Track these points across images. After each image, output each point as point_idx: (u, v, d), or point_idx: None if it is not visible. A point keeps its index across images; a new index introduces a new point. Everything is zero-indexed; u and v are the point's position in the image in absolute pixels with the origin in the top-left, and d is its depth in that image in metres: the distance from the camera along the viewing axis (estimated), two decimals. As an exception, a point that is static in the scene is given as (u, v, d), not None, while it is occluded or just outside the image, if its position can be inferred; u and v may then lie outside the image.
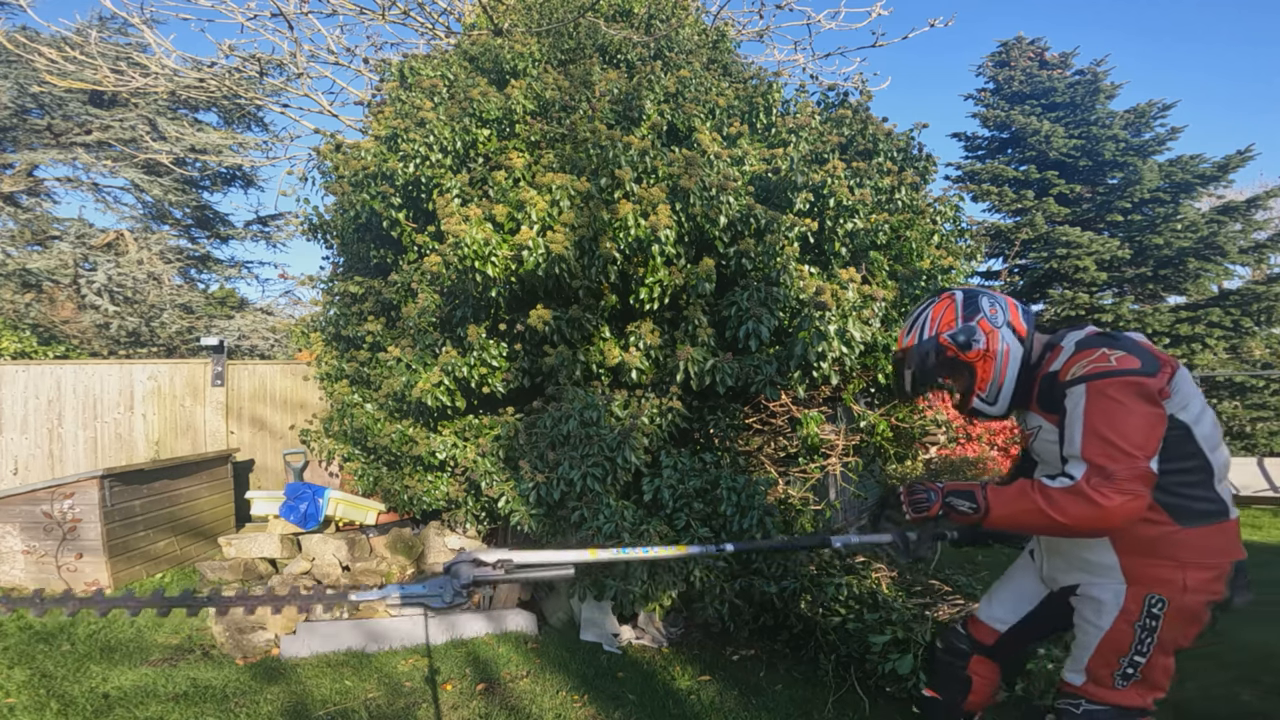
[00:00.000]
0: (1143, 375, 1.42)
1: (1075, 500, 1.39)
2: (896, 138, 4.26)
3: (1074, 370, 1.49)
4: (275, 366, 6.78)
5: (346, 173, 3.98)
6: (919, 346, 1.75)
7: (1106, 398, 1.41)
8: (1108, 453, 1.37)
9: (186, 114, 11.58)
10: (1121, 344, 1.49)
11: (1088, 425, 1.41)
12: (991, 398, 1.71)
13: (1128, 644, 1.53)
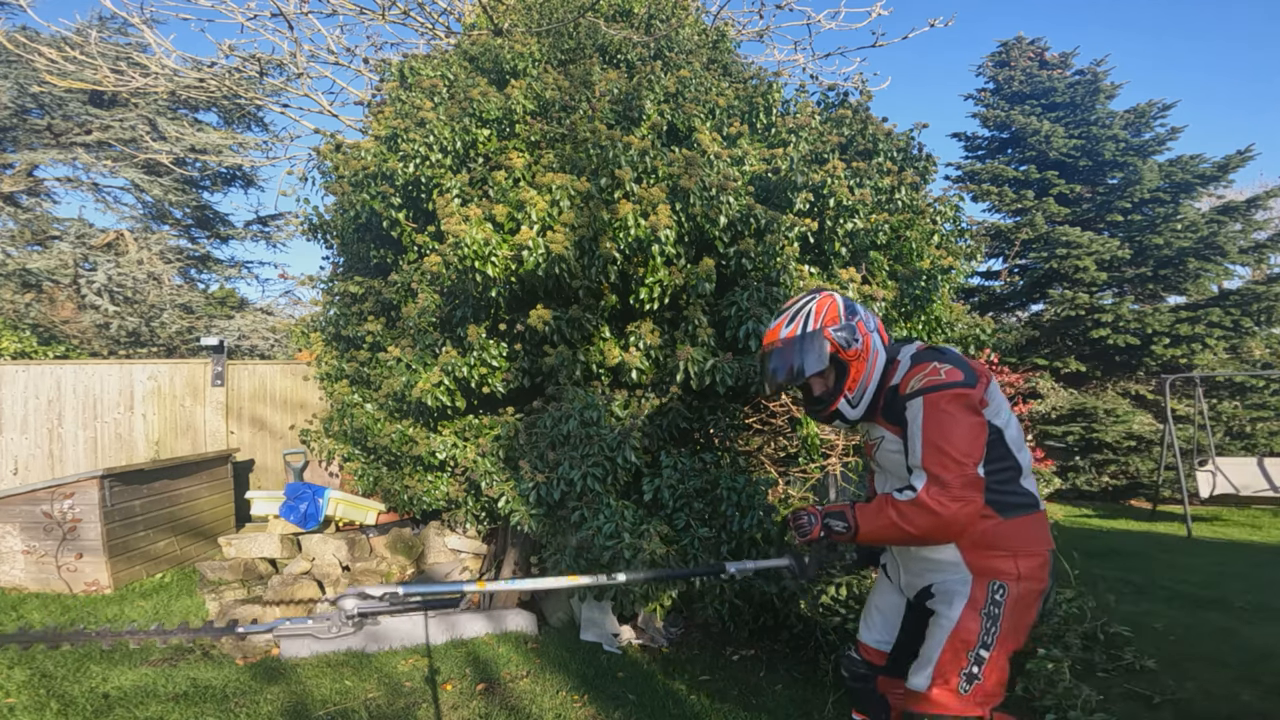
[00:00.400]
0: (966, 387, 1.56)
1: (919, 512, 1.53)
2: (896, 138, 4.26)
3: (912, 384, 1.60)
4: (275, 366, 6.78)
5: (346, 173, 3.98)
6: (802, 339, 1.74)
7: (939, 410, 1.54)
8: (942, 462, 1.51)
9: (186, 114, 11.58)
10: (948, 358, 1.62)
11: (925, 437, 1.55)
12: (856, 400, 1.74)
13: (975, 634, 1.59)
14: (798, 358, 1.73)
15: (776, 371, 1.78)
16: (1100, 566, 4.93)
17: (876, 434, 1.78)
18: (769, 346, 1.81)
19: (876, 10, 7.23)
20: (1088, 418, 8.94)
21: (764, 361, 1.84)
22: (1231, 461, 7.65)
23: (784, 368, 1.75)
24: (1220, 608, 4.07)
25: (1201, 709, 2.73)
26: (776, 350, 1.78)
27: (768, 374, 1.81)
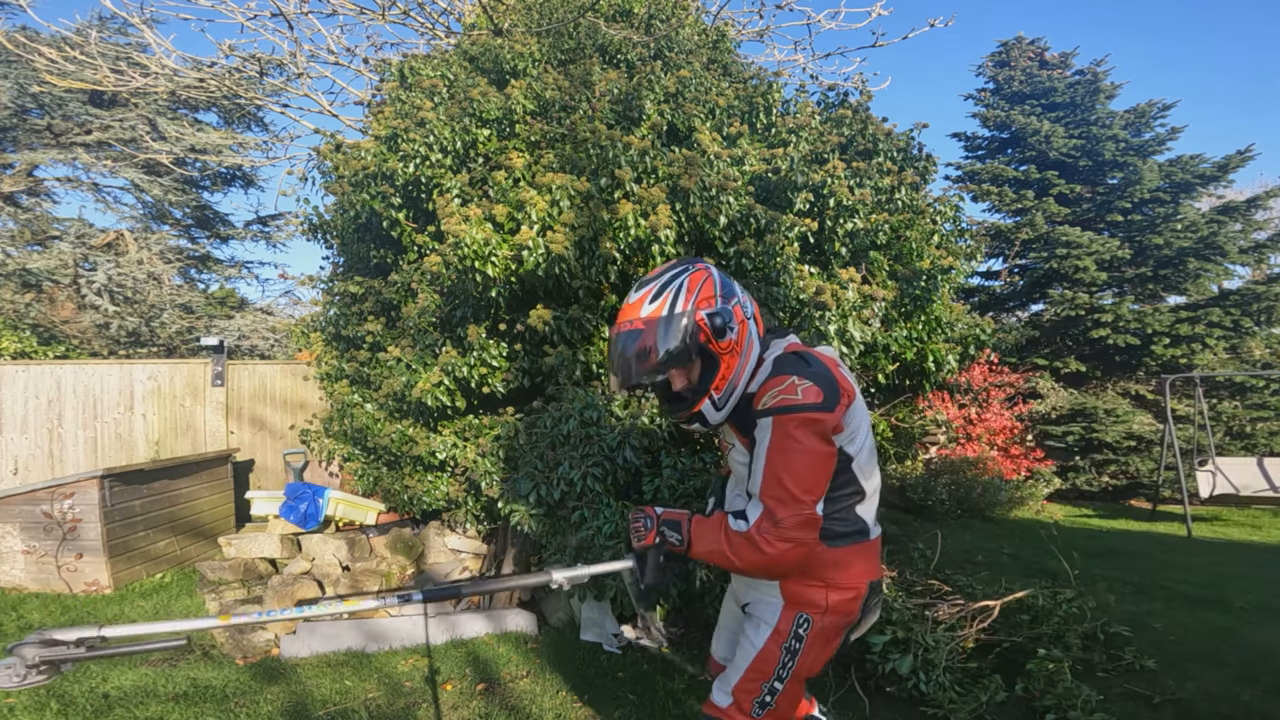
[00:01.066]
0: (822, 411, 1.36)
1: (746, 546, 1.39)
2: (896, 138, 4.26)
3: (765, 400, 1.39)
4: (275, 366, 6.78)
5: (346, 173, 3.98)
6: (668, 321, 1.41)
7: (788, 436, 1.35)
8: (779, 496, 1.35)
9: (186, 114, 11.58)
10: (812, 371, 1.39)
11: (769, 465, 1.37)
12: (723, 401, 1.46)
13: (773, 667, 1.49)
14: (660, 343, 1.40)
15: (631, 362, 1.44)
16: (1100, 566, 4.93)
17: (729, 438, 1.57)
18: (624, 327, 1.45)
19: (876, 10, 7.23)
20: (1088, 418, 8.95)
21: (613, 346, 1.47)
22: (1231, 461, 7.66)
23: (640, 357, 1.42)
24: (1220, 608, 4.07)
25: (1201, 709, 2.73)
26: (632, 333, 1.43)
27: (617, 362, 1.47)
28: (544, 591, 3.99)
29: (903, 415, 4.01)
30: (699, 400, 1.46)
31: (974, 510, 7.20)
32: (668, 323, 1.41)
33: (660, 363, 1.41)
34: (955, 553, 5.15)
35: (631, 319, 1.45)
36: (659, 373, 1.45)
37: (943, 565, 4.05)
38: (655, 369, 1.43)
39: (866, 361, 3.65)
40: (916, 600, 3.27)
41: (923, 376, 3.87)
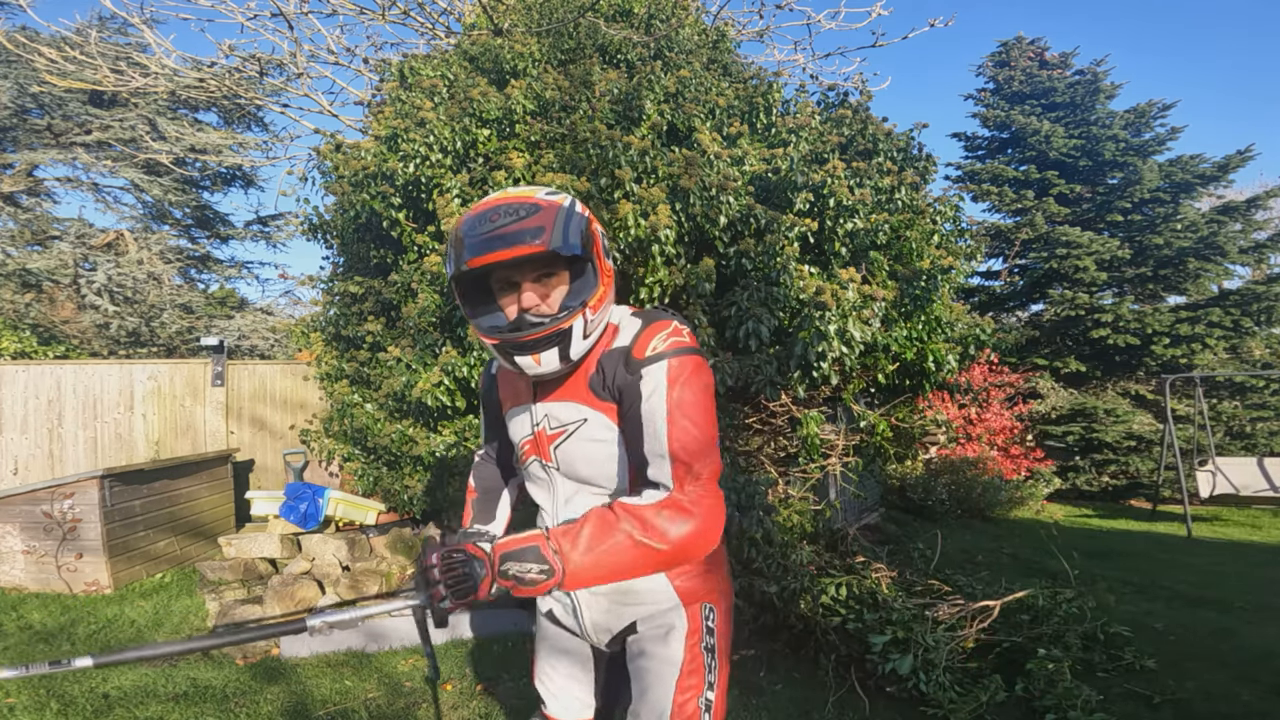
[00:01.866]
0: (702, 353, 1.21)
1: (677, 518, 1.09)
2: (896, 138, 4.26)
3: (656, 344, 1.14)
4: (275, 366, 6.78)
5: (346, 173, 3.98)
6: (571, 213, 1.16)
7: (689, 378, 1.13)
8: (691, 446, 1.11)
9: (186, 114, 11.59)
10: (678, 318, 1.22)
11: (671, 413, 1.11)
12: (591, 330, 1.18)
13: (701, 674, 1.28)
14: (558, 231, 1.12)
15: (509, 236, 1.10)
16: (1100, 566, 4.93)
17: (566, 417, 1.23)
18: (506, 200, 1.16)
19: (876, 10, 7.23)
20: (1088, 418, 8.95)
21: (476, 222, 1.14)
22: (1231, 461, 7.66)
23: (529, 235, 1.10)
24: (1220, 608, 4.07)
25: (1201, 709, 2.73)
26: (524, 206, 1.14)
27: (477, 239, 1.12)
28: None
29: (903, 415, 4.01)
30: (573, 313, 1.14)
31: (974, 510, 7.20)
32: (570, 215, 1.15)
33: (550, 249, 1.10)
34: (955, 553, 5.15)
35: (521, 198, 1.16)
36: (538, 265, 1.15)
37: (943, 565, 4.05)
38: (538, 255, 1.11)
39: (866, 361, 3.65)
40: (916, 600, 3.27)
41: (923, 376, 3.87)
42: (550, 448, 1.27)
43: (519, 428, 1.34)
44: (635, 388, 1.15)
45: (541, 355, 1.16)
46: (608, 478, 1.22)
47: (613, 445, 1.21)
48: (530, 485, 1.37)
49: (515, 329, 1.15)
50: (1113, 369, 9.62)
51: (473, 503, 1.54)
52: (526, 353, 1.16)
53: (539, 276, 1.17)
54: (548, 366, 1.17)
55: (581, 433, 1.22)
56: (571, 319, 1.15)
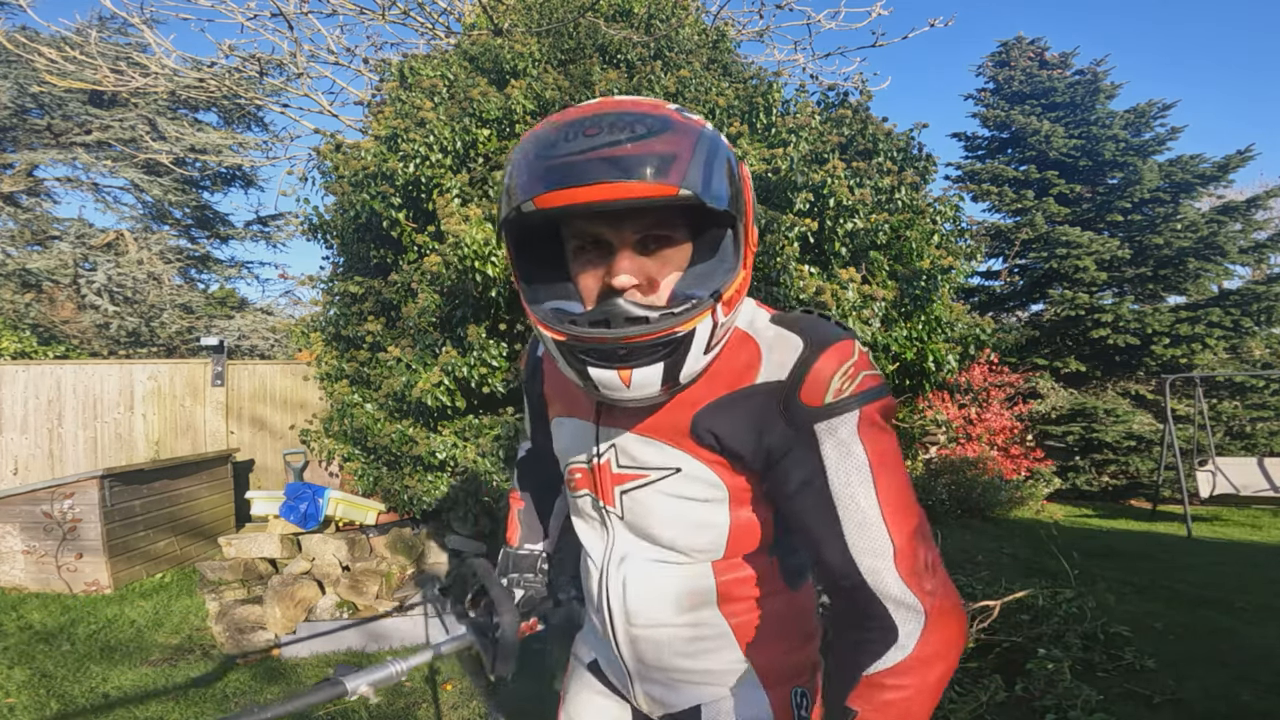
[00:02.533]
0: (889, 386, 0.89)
1: (946, 644, 0.73)
2: (896, 138, 4.26)
3: (837, 385, 0.75)
4: (275, 366, 6.78)
5: (346, 173, 3.99)
6: (712, 143, 0.73)
7: (884, 435, 0.77)
8: (915, 530, 0.75)
9: (186, 114, 11.59)
10: (850, 331, 0.81)
11: (884, 489, 0.74)
12: (720, 338, 0.77)
13: None
14: (701, 162, 0.70)
15: (632, 161, 0.66)
16: (1100, 566, 4.93)
17: (647, 459, 0.85)
18: (606, 111, 0.71)
19: (876, 10, 7.23)
20: (1088, 418, 8.95)
21: (566, 139, 0.69)
22: (1231, 461, 7.66)
23: (657, 161, 0.67)
24: (1220, 608, 4.07)
25: (1201, 709, 2.73)
26: (641, 118, 0.70)
27: (582, 160, 0.67)
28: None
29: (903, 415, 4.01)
30: (699, 310, 0.72)
31: (974, 510, 7.20)
32: (716, 146, 0.72)
33: (685, 193, 0.67)
34: (955, 552, 5.15)
35: (642, 105, 0.73)
36: (651, 221, 0.73)
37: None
38: (662, 203, 0.67)
39: (866, 361, 3.65)
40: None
41: (923, 376, 3.86)
42: (615, 491, 0.89)
43: (570, 446, 0.96)
44: (808, 450, 0.76)
45: (636, 372, 0.73)
46: (694, 548, 0.86)
47: (713, 510, 0.84)
48: (576, 518, 1.00)
49: (600, 321, 0.72)
50: (1113, 369, 9.62)
51: (519, 514, 1.25)
52: (613, 365, 0.73)
53: (648, 240, 0.74)
54: (641, 390, 0.75)
55: (668, 486, 0.85)
56: (695, 318, 0.71)
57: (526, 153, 0.72)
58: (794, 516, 0.80)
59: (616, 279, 0.73)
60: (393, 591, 4.12)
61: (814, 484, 0.76)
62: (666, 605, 0.89)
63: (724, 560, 0.87)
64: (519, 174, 0.71)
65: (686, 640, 0.90)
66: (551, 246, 0.81)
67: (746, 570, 0.88)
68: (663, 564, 0.89)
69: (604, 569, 0.94)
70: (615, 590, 0.91)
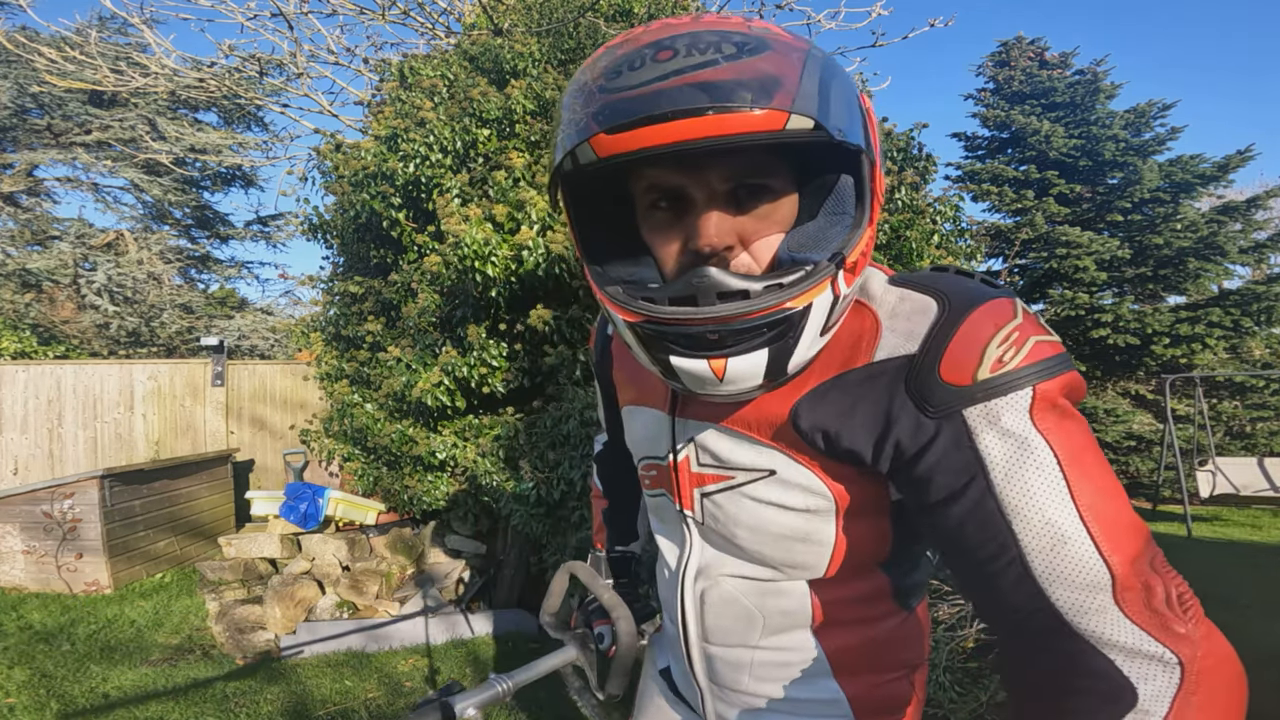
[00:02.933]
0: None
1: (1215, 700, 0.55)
2: (896, 138, 4.26)
3: (995, 353, 0.55)
4: (275, 366, 6.78)
5: (346, 173, 3.99)
6: (824, 64, 0.55)
7: (1072, 423, 0.56)
8: (1134, 543, 0.55)
9: (186, 114, 11.60)
10: (1008, 289, 0.61)
11: (1088, 497, 0.53)
12: (840, 313, 0.60)
13: None
14: (813, 84, 0.52)
15: (724, 87, 0.49)
16: (1100, 566, 4.92)
17: (736, 458, 0.70)
18: (683, 30, 0.55)
19: (876, 10, 7.23)
20: (1088, 417, 8.95)
21: (636, 65, 0.52)
22: (1232, 461, 7.66)
23: (759, 85, 0.49)
24: (1220, 607, 4.06)
25: (1201, 709, 2.73)
26: (727, 36, 0.53)
27: (657, 88, 0.50)
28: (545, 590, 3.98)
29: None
30: (816, 278, 0.56)
31: (974, 510, 7.19)
32: (828, 66, 0.56)
33: (797, 120, 0.50)
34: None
35: (725, 22, 0.57)
36: (748, 165, 0.58)
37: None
38: (764, 139, 0.51)
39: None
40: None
41: (923, 376, 3.86)
42: (694, 493, 0.75)
43: (642, 439, 0.83)
44: (957, 446, 0.56)
45: (732, 362, 0.57)
46: (789, 564, 0.71)
47: (816, 521, 0.68)
48: (651, 515, 0.89)
49: (684, 297, 0.57)
50: (1113, 369, 9.63)
51: (604, 514, 1.13)
52: (703, 353, 0.58)
53: (740, 191, 0.59)
54: (738, 384, 0.59)
55: (758, 490, 0.69)
56: (811, 290, 0.56)
57: (583, 86, 0.56)
58: (941, 536, 0.59)
59: (704, 240, 0.57)
60: (393, 591, 4.12)
61: (969, 493, 0.55)
62: (751, 626, 0.75)
63: (824, 578, 0.72)
64: (573, 112, 0.55)
65: (771, 665, 0.76)
66: (617, 201, 0.66)
67: (852, 589, 0.72)
68: (748, 580, 0.75)
69: (680, 578, 0.81)
70: (691, 604, 0.79)
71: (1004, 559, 0.54)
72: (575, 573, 0.87)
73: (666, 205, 0.61)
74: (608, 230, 0.66)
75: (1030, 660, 0.55)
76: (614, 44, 0.59)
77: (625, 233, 0.65)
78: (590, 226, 0.66)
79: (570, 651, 0.87)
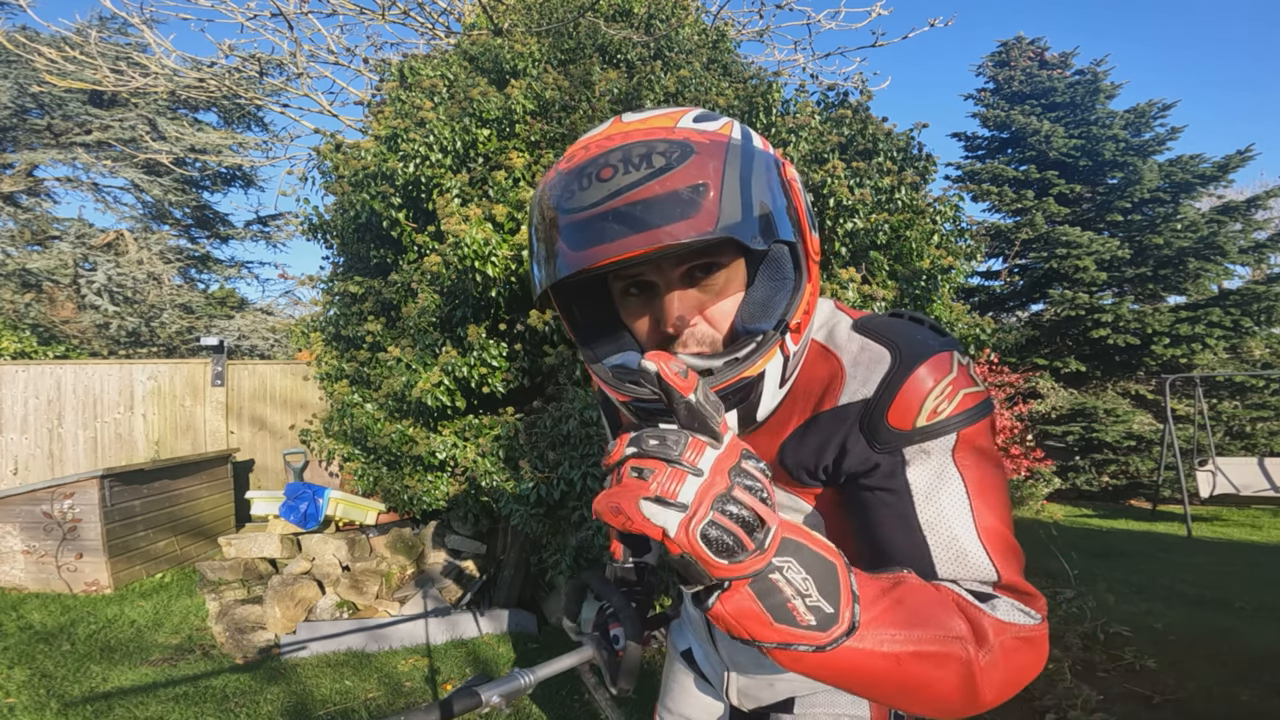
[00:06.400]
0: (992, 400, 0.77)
1: (1026, 650, 0.64)
2: (896, 137, 4.26)
3: (932, 405, 0.68)
4: (275, 366, 6.78)
5: (346, 173, 3.99)
6: (745, 156, 0.66)
7: (986, 458, 0.70)
8: (1010, 556, 0.68)
9: (186, 114, 11.60)
10: (948, 338, 0.74)
11: (982, 519, 0.67)
12: (795, 365, 0.73)
13: None
14: (735, 187, 0.63)
15: (655, 206, 0.60)
16: (1100, 566, 4.93)
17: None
18: (619, 143, 0.65)
19: (876, 10, 7.24)
20: (1088, 418, 8.95)
21: (581, 187, 0.63)
22: (1232, 461, 7.66)
23: (684, 198, 0.60)
24: (1220, 608, 4.07)
25: (1201, 709, 2.73)
26: (656, 147, 0.64)
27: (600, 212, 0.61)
28: (545, 591, 3.98)
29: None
30: (765, 347, 0.67)
31: (974, 510, 7.18)
32: (752, 158, 0.66)
33: (722, 232, 0.60)
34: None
35: (657, 129, 0.67)
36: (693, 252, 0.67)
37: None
38: (701, 236, 0.60)
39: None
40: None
41: (923, 376, 3.86)
42: None
43: None
44: (891, 473, 0.69)
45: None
46: None
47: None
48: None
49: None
50: (1113, 369, 9.62)
51: None
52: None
53: (695, 269, 0.69)
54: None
55: None
56: (763, 359, 0.67)
57: (548, 205, 0.67)
58: (867, 532, 0.71)
59: (669, 319, 0.69)
60: (393, 591, 4.12)
61: (897, 505, 0.68)
62: None
63: None
64: (544, 228, 0.67)
65: None
66: (599, 289, 0.78)
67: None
68: None
69: None
70: None
71: (912, 549, 0.68)
72: (588, 582, 0.95)
73: (637, 292, 0.72)
74: (595, 312, 0.78)
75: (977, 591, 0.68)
76: (566, 159, 0.69)
77: (611, 313, 0.78)
78: (579, 312, 0.78)
79: (587, 651, 0.96)
